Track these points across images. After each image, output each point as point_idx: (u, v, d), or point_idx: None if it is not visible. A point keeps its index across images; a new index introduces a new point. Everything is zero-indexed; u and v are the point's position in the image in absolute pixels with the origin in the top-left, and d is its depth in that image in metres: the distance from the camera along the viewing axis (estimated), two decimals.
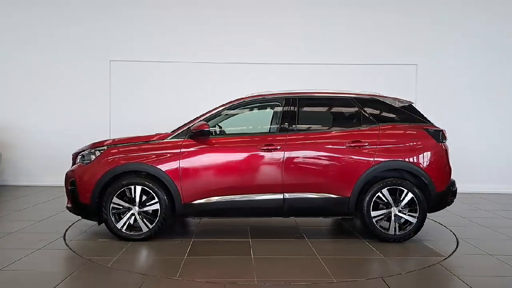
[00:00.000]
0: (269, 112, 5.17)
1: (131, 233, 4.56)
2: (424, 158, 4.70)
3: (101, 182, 4.51)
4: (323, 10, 8.52)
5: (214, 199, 4.56)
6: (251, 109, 5.05)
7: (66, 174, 4.79)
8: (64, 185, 4.81)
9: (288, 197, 4.57)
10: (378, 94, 5.12)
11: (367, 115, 4.83)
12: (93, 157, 4.65)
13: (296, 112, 4.77)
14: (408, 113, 4.93)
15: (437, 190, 4.67)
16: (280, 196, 4.57)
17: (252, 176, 4.59)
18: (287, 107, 4.79)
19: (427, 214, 4.74)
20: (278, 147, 4.57)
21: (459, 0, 8.53)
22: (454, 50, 8.52)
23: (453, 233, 5.10)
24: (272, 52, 8.44)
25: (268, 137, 4.69)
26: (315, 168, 4.64)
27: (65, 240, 4.62)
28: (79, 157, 4.79)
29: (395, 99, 5.09)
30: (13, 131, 8.48)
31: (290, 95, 4.88)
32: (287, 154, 4.58)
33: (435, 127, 4.88)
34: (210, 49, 8.47)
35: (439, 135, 4.81)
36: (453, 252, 4.36)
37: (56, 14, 8.48)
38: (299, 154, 4.61)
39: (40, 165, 8.41)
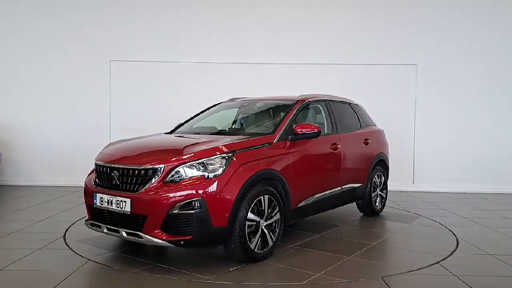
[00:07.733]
0: (314, 113, 5.32)
1: (260, 251, 3.88)
2: (387, 150, 6.35)
3: (240, 196, 3.67)
4: (323, 10, 8.52)
5: (311, 199, 4.66)
6: (307, 110, 5.27)
7: (162, 198, 3.46)
8: (132, 211, 3.57)
9: (343, 189, 5.23)
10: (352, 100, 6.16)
11: (362, 117, 6.00)
12: (215, 166, 3.66)
13: (335, 115, 5.35)
14: (367, 117, 6.26)
15: (387, 172, 6.39)
16: (339, 188, 5.15)
17: (332, 173, 5.06)
18: (329, 110, 5.32)
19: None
20: (339, 146, 5.11)
21: (459, 0, 8.53)
22: (454, 50, 8.51)
23: (453, 233, 5.10)
24: (272, 52, 8.45)
25: (331, 137, 5.11)
26: (356, 162, 5.51)
27: (65, 240, 4.61)
28: (183, 169, 3.59)
29: (361, 105, 6.30)
30: (13, 131, 8.47)
31: (327, 100, 5.42)
32: (343, 152, 5.19)
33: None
34: (210, 49, 8.47)
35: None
36: (453, 252, 4.37)
37: (56, 14, 8.47)
38: (349, 151, 5.30)
39: (40, 165, 8.38)
